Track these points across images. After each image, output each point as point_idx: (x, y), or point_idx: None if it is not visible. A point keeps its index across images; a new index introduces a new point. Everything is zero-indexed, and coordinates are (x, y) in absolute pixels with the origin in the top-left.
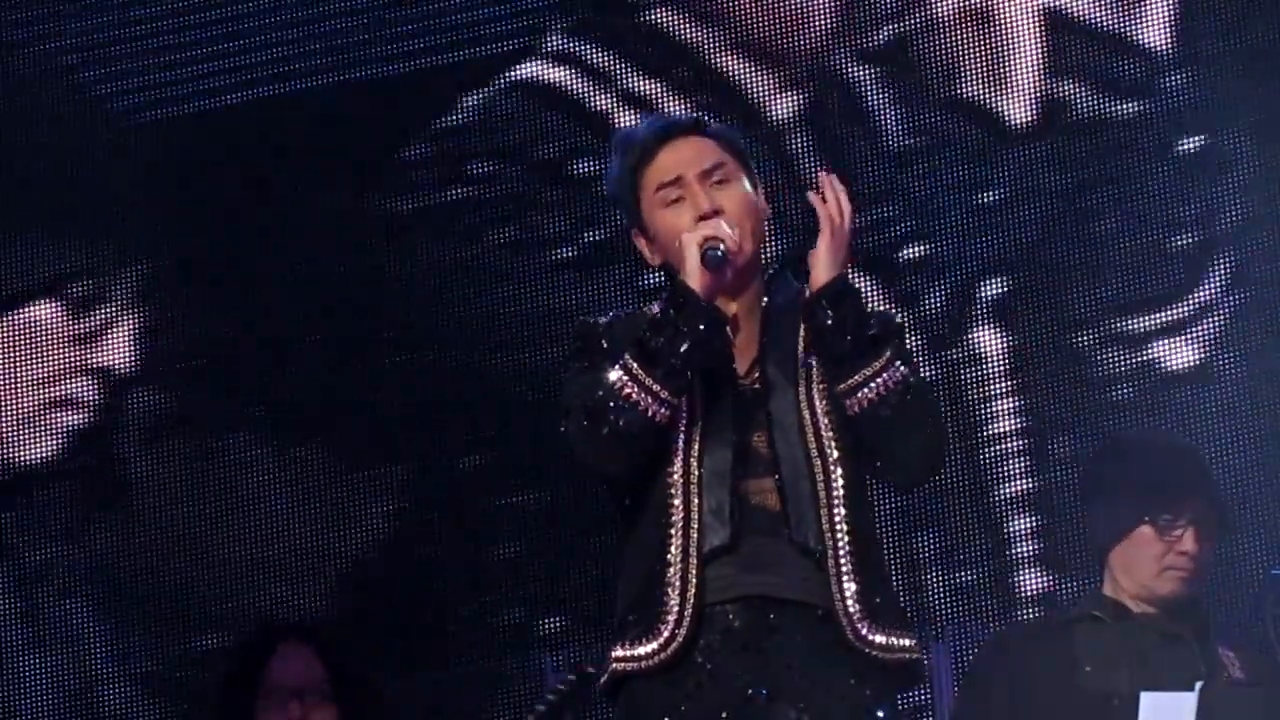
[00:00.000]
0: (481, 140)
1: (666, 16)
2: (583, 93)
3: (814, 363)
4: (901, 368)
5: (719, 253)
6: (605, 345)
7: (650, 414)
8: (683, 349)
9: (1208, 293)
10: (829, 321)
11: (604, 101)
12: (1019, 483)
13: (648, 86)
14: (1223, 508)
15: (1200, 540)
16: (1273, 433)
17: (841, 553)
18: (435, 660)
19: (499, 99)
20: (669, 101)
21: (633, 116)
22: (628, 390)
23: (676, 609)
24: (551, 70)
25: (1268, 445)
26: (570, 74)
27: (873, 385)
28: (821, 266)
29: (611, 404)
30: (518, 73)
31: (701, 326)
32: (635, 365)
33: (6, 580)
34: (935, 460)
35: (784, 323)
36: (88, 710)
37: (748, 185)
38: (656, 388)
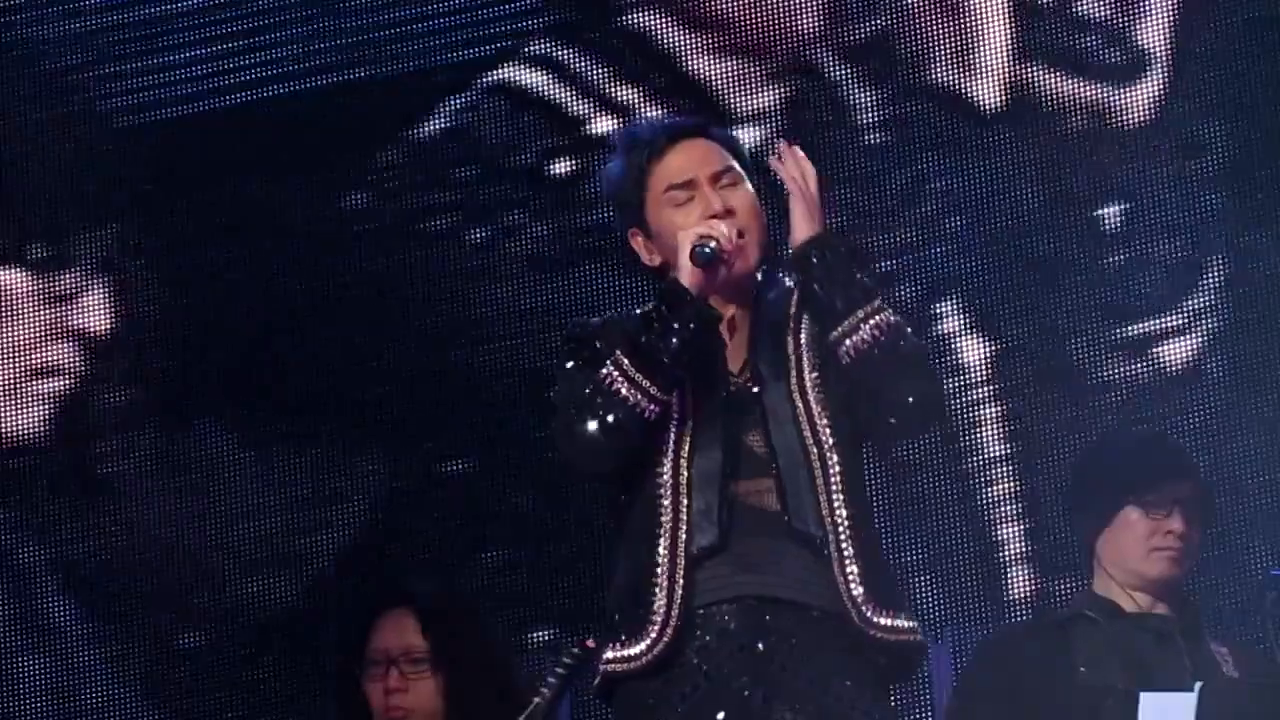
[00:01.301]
0: (466, 143)
1: (644, 19)
2: (562, 96)
3: (804, 352)
4: (892, 314)
5: (708, 249)
6: (599, 346)
7: (639, 410)
8: (673, 344)
9: (1200, 291)
10: (818, 268)
11: (584, 105)
12: (1005, 485)
13: (626, 90)
14: (1208, 492)
15: (1187, 522)
16: (1271, 431)
17: (843, 538)
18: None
19: (480, 102)
20: (646, 104)
21: (612, 120)
22: (617, 386)
23: (663, 610)
24: (532, 74)
25: (1266, 444)
26: (550, 78)
27: (865, 328)
28: (800, 225)
29: (600, 399)
30: (499, 76)
31: (691, 324)
32: (625, 361)
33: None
34: (931, 408)
35: (774, 317)
36: (77, 709)
37: (753, 189)
38: (646, 384)
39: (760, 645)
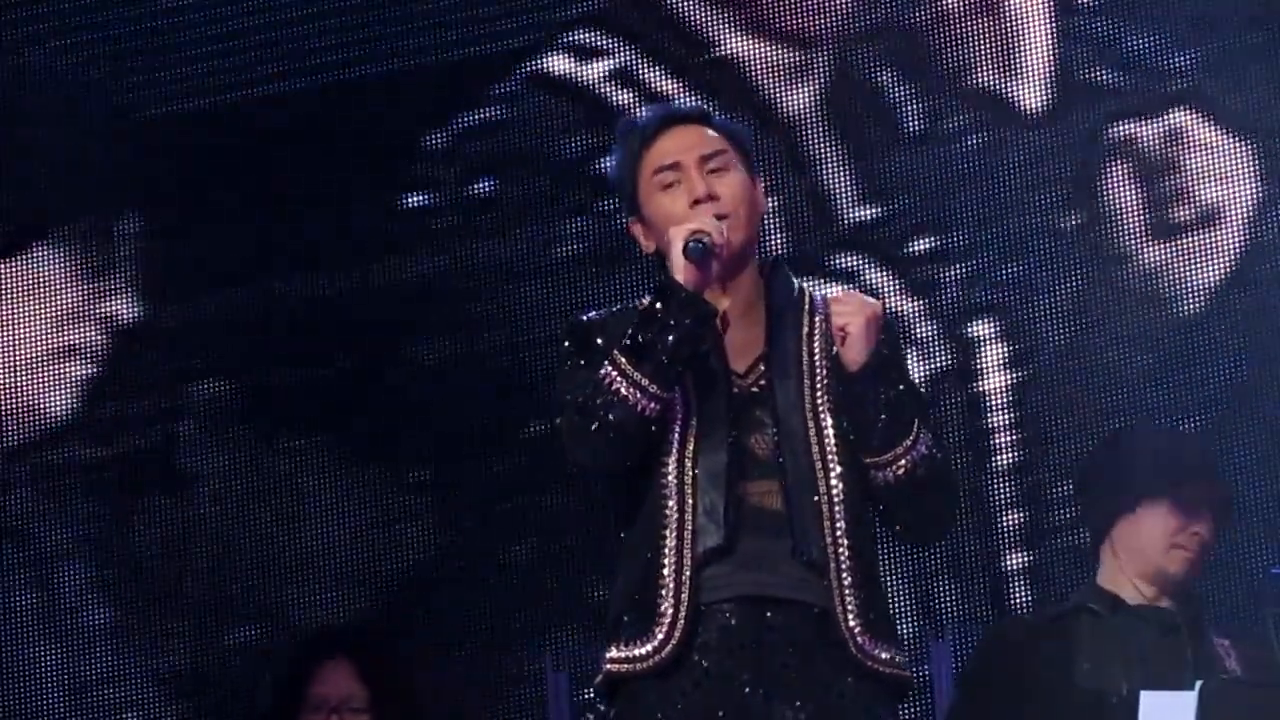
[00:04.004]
0: (502, 135)
1: (682, 5)
2: (601, 87)
3: (818, 365)
4: (928, 442)
5: (701, 244)
6: (600, 341)
7: (639, 409)
8: (670, 342)
9: (1210, 291)
10: (868, 402)
11: (622, 96)
12: (1009, 487)
13: (664, 80)
14: (1230, 504)
15: (1212, 528)
16: (1273, 431)
17: (844, 566)
18: (436, 661)
19: (519, 94)
20: (685, 94)
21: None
22: (616, 385)
23: (671, 612)
24: (569, 64)
25: (1268, 444)
26: (588, 68)
27: (902, 463)
28: (850, 354)
29: (600, 399)
30: (536, 67)
31: (688, 320)
32: (623, 360)
33: (29, 566)
34: (946, 526)
35: (785, 323)
36: (106, 706)
37: (745, 176)
38: (645, 382)
39: (761, 643)
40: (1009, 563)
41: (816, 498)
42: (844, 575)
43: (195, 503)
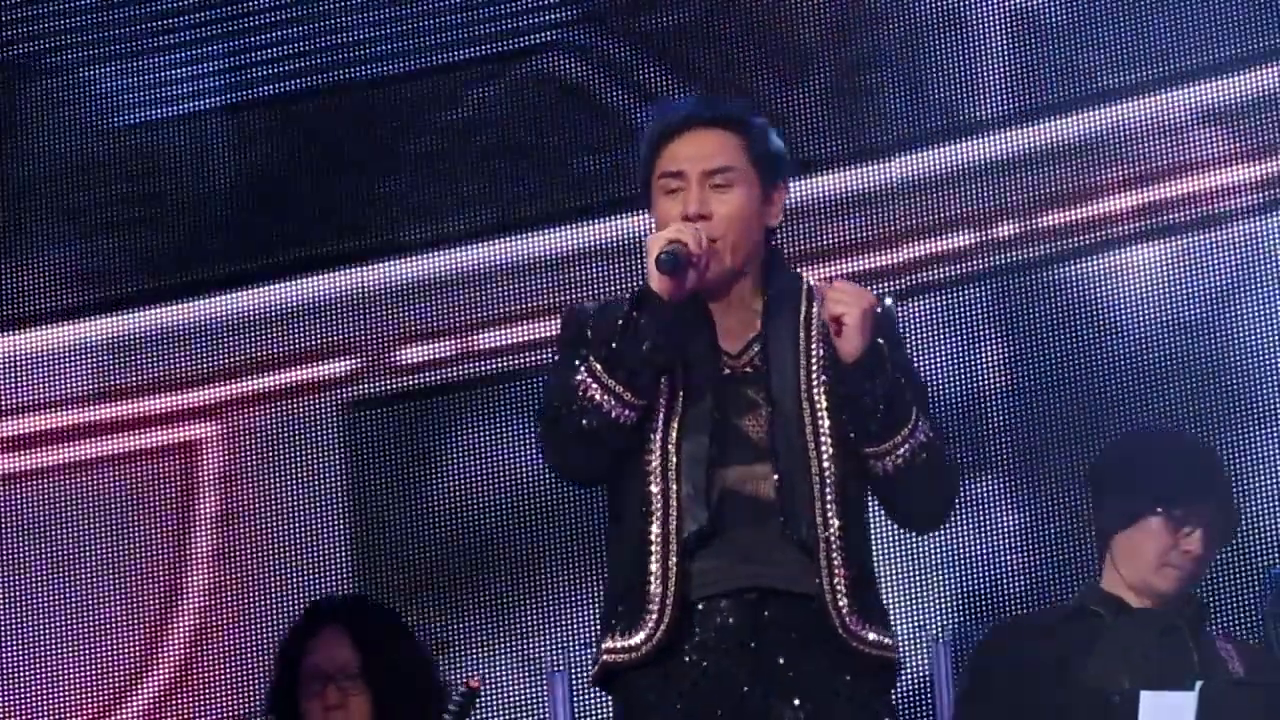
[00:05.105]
0: (495, 131)
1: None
2: (596, 86)
3: (815, 352)
4: (925, 429)
5: (674, 256)
6: (590, 335)
7: (614, 415)
8: (644, 349)
9: (1210, 291)
10: (865, 394)
11: (619, 96)
12: (1010, 486)
13: (663, 79)
14: (1232, 514)
15: (1207, 544)
16: (1274, 431)
17: (834, 546)
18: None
19: (512, 92)
20: (683, 92)
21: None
22: (591, 391)
23: (659, 598)
24: (564, 63)
25: (1271, 443)
26: (583, 66)
27: (900, 453)
28: (845, 346)
29: (575, 405)
30: (536, 67)
31: (660, 329)
32: (599, 367)
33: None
34: (946, 511)
35: (783, 307)
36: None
37: (752, 193)
38: (619, 389)
39: (760, 640)
40: (1009, 563)
41: (809, 479)
42: (834, 555)
43: (197, 502)
